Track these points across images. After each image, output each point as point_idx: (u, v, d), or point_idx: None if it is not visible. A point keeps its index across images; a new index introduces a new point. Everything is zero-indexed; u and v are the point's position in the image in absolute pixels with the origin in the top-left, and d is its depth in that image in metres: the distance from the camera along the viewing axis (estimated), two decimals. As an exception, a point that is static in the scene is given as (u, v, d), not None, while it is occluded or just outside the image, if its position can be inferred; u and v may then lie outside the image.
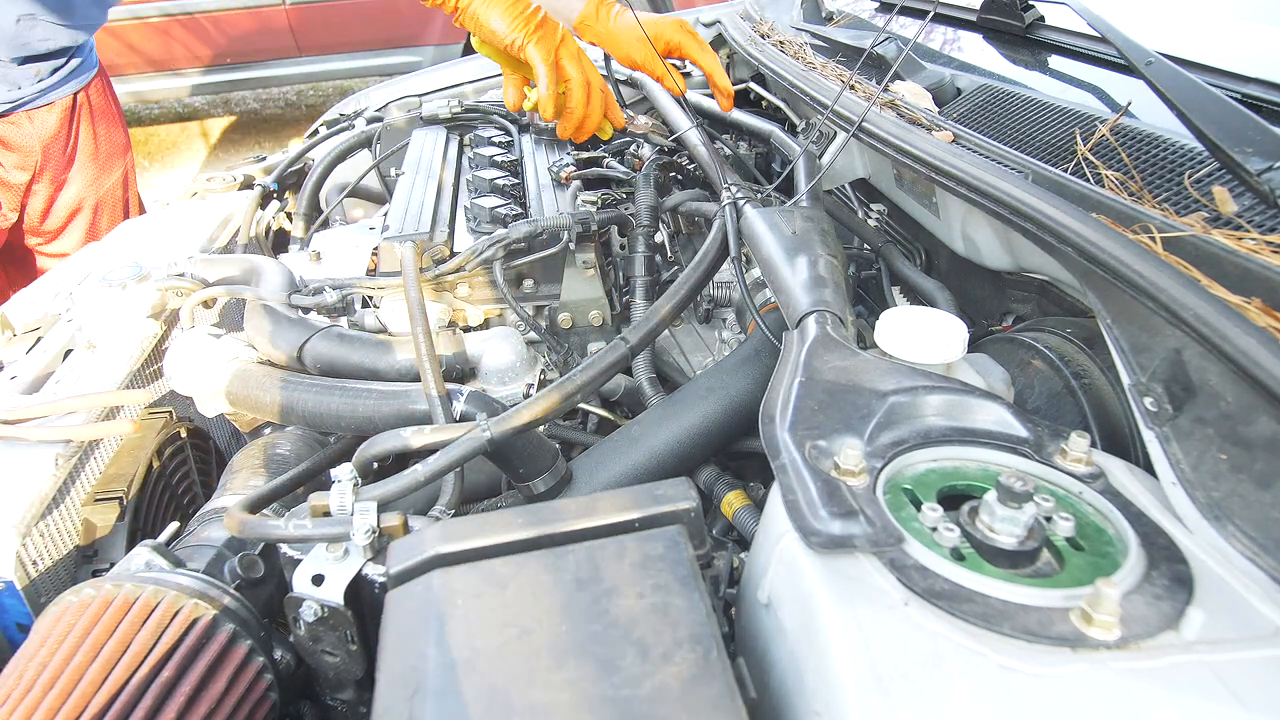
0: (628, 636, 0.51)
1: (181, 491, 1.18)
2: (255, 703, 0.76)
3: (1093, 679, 0.47)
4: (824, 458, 0.64)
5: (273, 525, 0.73)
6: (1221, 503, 0.60)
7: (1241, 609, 0.52)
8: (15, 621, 0.92)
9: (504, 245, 1.18)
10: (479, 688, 0.49)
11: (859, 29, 1.62)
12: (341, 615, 0.70)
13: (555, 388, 0.88)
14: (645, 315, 1.00)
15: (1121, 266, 0.70)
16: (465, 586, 0.56)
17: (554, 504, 0.63)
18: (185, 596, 0.75)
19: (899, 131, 1.07)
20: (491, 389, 1.13)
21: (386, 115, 1.73)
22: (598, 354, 0.94)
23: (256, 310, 1.16)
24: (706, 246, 1.08)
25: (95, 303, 1.23)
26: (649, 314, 1.00)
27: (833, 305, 0.86)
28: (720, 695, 0.48)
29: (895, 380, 0.72)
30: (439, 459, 0.80)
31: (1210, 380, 0.64)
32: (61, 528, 0.97)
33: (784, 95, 1.58)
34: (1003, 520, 0.57)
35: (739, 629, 0.66)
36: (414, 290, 1.11)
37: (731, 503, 0.99)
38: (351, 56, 5.02)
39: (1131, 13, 1.16)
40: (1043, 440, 0.68)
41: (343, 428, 1.04)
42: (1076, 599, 0.52)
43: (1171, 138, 0.87)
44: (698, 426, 0.97)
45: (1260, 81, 0.93)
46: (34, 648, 0.72)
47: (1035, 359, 0.91)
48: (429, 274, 1.18)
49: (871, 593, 0.53)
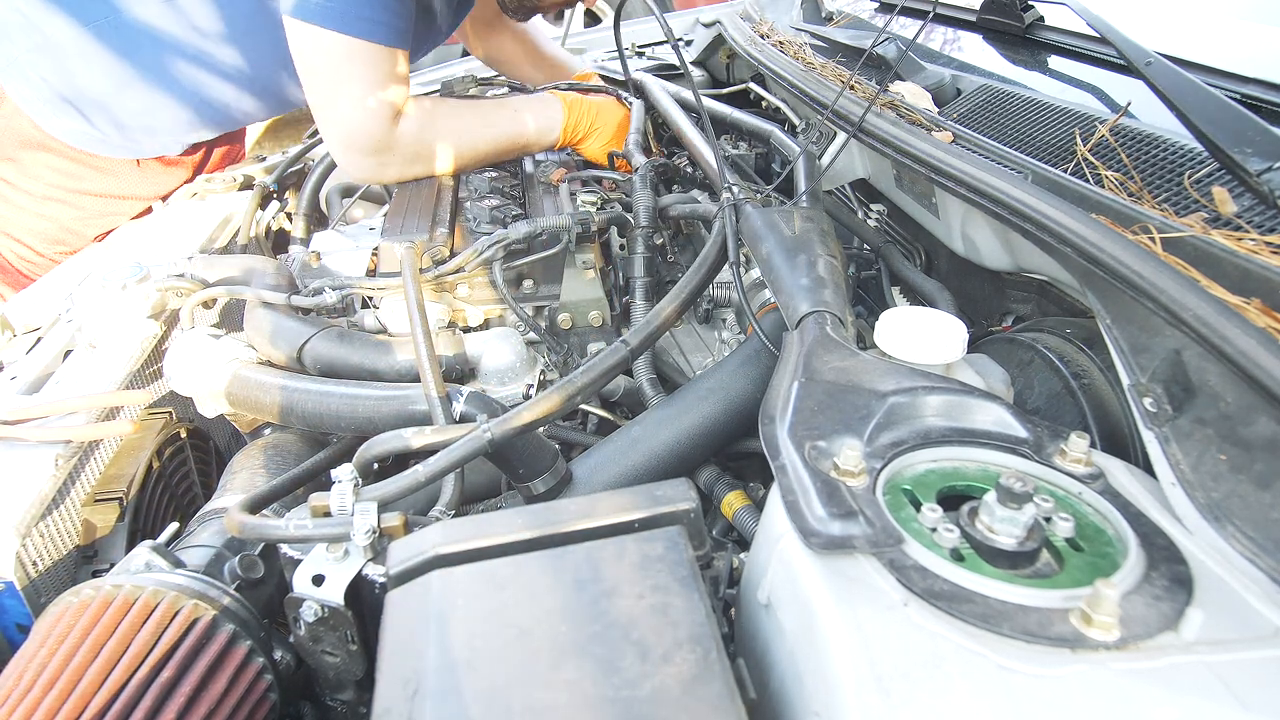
0: (627, 637, 0.51)
1: (181, 492, 1.18)
2: (255, 703, 0.76)
3: (1092, 679, 0.47)
4: (824, 458, 0.64)
5: (273, 525, 0.73)
6: (1221, 503, 0.60)
7: (1241, 609, 0.53)
8: (15, 622, 0.92)
9: (504, 246, 1.18)
10: (479, 688, 0.49)
11: (859, 29, 1.62)
12: (342, 615, 0.70)
13: (556, 390, 0.88)
14: (647, 318, 1.00)
15: (1121, 267, 0.70)
16: (465, 587, 0.56)
17: (554, 504, 0.63)
18: (185, 597, 0.75)
19: (899, 132, 1.07)
20: (491, 389, 1.13)
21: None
22: (599, 356, 0.94)
23: (256, 311, 1.16)
24: (707, 250, 1.08)
25: (95, 303, 1.23)
26: (650, 316, 1.00)
27: (832, 306, 0.86)
28: (720, 696, 0.48)
29: (895, 381, 0.72)
30: (440, 460, 0.80)
31: (1210, 381, 0.64)
32: (61, 528, 0.97)
33: (784, 95, 1.58)
34: (1002, 521, 0.57)
35: (739, 629, 0.66)
36: (413, 291, 1.11)
37: (731, 503, 0.99)
38: (351, 57, 5.00)
39: (1131, 13, 1.16)
40: (1042, 441, 0.68)
41: (342, 428, 1.04)
42: (1076, 599, 0.52)
43: (1171, 138, 0.87)
44: (698, 427, 0.97)
45: (1260, 82, 0.93)
46: (34, 648, 0.72)
47: (1035, 359, 0.91)
48: (428, 274, 1.18)
49: (871, 593, 0.53)
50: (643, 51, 2.09)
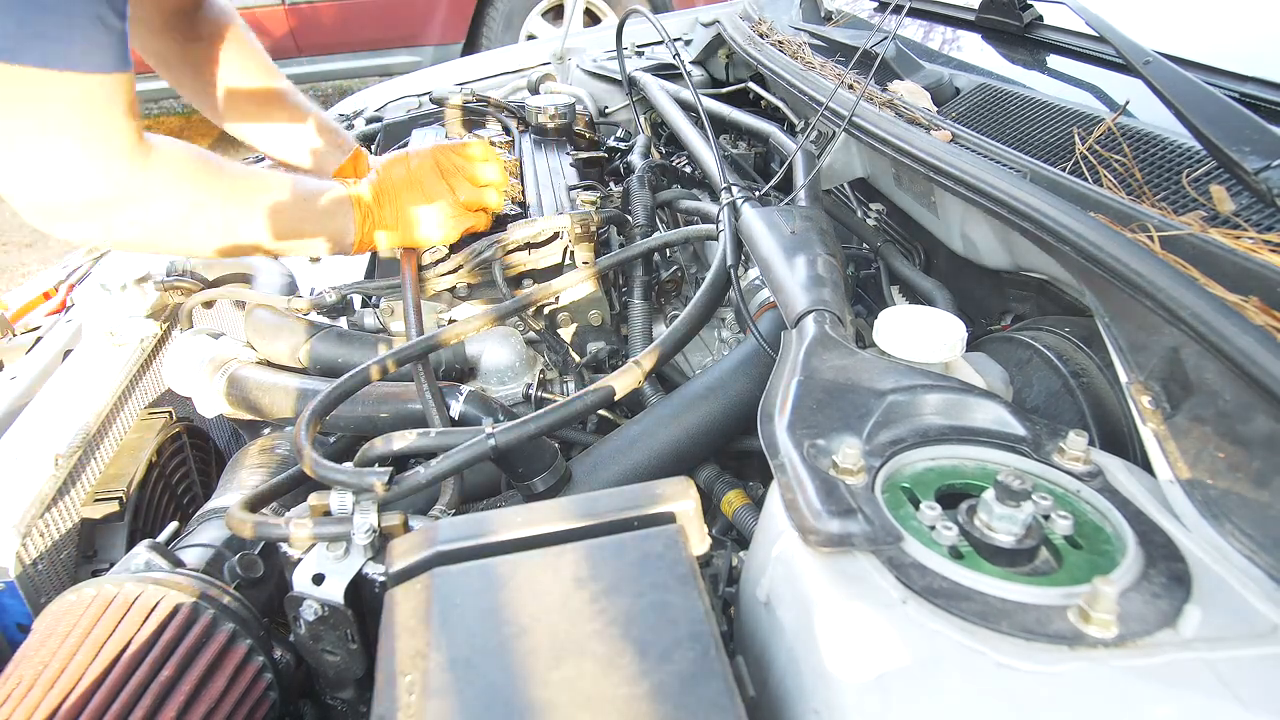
0: (626, 635, 0.51)
1: (181, 491, 1.19)
2: (255, 702, 0.76)
3: (1091, 676, 0.48)
4: (823, 456, 0.64)
5: (273, 524, 0.73)
6: (1219, 501, 0.60)
7: (1239, 606, 0.53)
8: (15, 621, 0.92)
9: (503, 245, 1.18)
10: (478, 686, 0.49)
11: (857, 29, 1.62)
12: (342, 614, 0.70)
13: (562, 406, 0.87)
14: (668, 333, 0.98)
15: (1119, 265, 0.71)
16: (465, 585, 0.56)
17: (553, 503, 0.63)
18: (185, 596, 0.75)
19: (898, 131, 1.07)
20: (490, 389, 1.13)
21: (385, 114, 1.73)
22: (610, 376, 0.92)
23: (256, 311, 1.16)
24: (715, 268, 1.07)
25: (95, 303, 1.23)
26: (670, 331, 0.98)
27: (831, 304, 0.86)
28: (719, 694, 0.48)
29: (894, 379, 0.72)
30: (442, 463, 0.80)
31: (1208, 378, 0.64)
32: (61, 528, 0.98)
33: (783, 95, 1.59)
34: (1001, 518, 0.57)
35: (738, 627, 0.66)
36: (411, 291, 1.11)
37: (731, 501, 0.99)
38: (351, 56, 5.01)
39: (1130, 12, 1.16)
40: (1041, 439, 0.68)
41: (342, 428, 1.04)
42: (1074, 597, 0.52)
43: (1169, 137, 0.87)
44: (697, 426, 0.97)
45: (1258, 80, 0.93)
46: (34, 647, 0.72)
47: (1033, 358, 0.91)
48: (427, 274, 1.18)
49: (870, 591, 0.53)
50: (642, 51, 2.09)
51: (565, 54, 2.13)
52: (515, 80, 2.00)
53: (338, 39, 4.96)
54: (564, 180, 1.40)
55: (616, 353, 1.22)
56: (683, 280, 1.36)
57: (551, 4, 4.62)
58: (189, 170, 0.96)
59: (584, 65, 2.09)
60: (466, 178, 1.17)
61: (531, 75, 1.96)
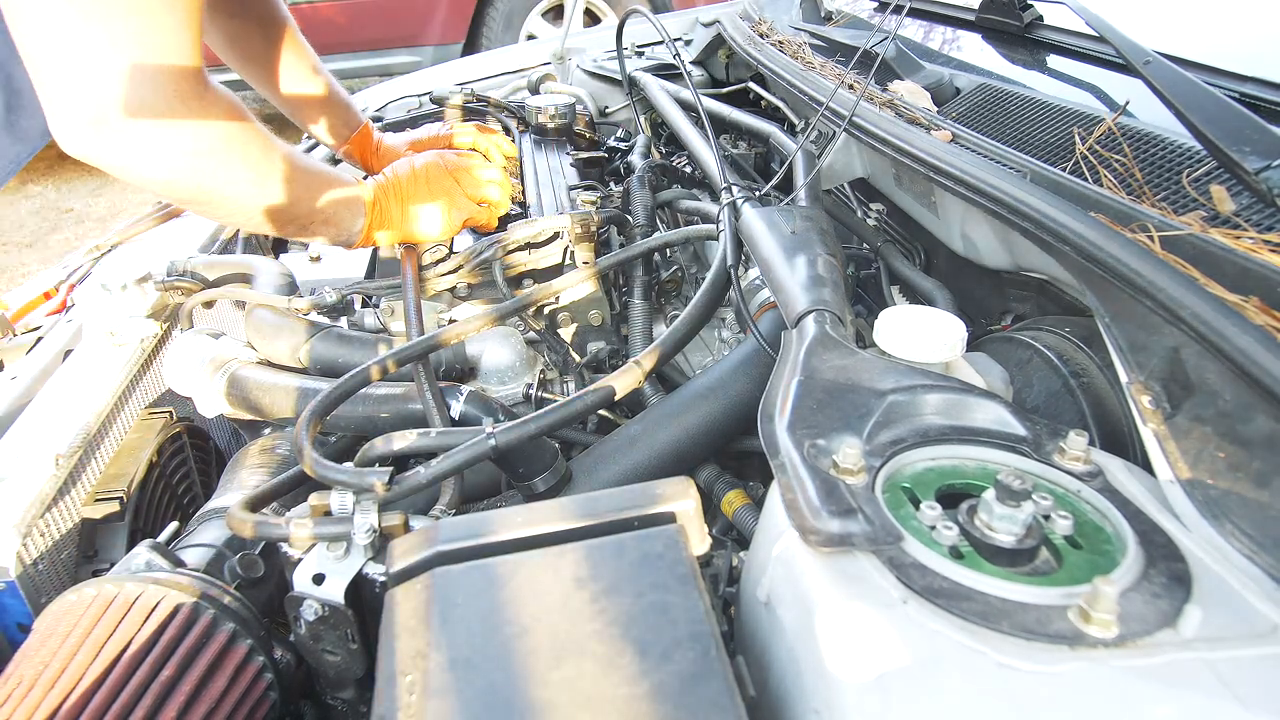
0: (627, 635, 0.51)
1: (181, 491, 1.19)
2: (255, 702, 0.76)
3: (1091, 676, 0.48)
4: (823, 456, 0.64)
5: (273, 524, 0.73)
6: (1219, 501, 0.60)
7: (1239, 606, 0.53)
8: (16, 621, 0.92)
9: (503, 245, 1.18)
10: (478, 686, 0.49)
11: (857, 29, 1.62)
12: (342, 614, 0.70)
13: (563, 406, 0.87)
14: (668, 333, 0.99)
15: (1120, 265, 0.71)
16: (465, 585, 0.56)
17: (553, 503, 0.63)
18: (185, 596, 0.75)
19: (898, 131, 1.07)
20: (491, 389, 1.13)
21: (385, 114, 1.73)
22: (611, 375, 0.93)
23: (256, 311, 1.16)
24: (716, 268, 1.08)
25: (96, 303, 1.23)
26: (670, 331, 0.99)
27: (831, 304, 0.86)
28: (719, 694, 0.48)
29: (894, 379, 0.72)
30: (443, 463, 0.80)
31: (1208, 379, 0.64)
32: (62, 528, 0.98)
33: (783, 95, 1.59)
34: (1001, 518, 0.57)
35: (738, 627, 0.67)
36: (412, 291, 1.11)
37: (731, 501, 0.99)
38: (351, 56, 5.01)
39: (1130, 12, 1.16)
40: (1041, 439, 0.68)
41: (342, 428, 1.04)
42: (1075, 597, 0.52)
43: (1170, 137, 0.87)
44: (697, 426, 0.97)
45: (1258, 80, 0.93)
46: (34, 647, 0.72)
47: (1034, 358, 0.91)
48: (428, 274, 1.18)
49: (870, 591, 0.53)
50: (642, 51, 2.10)
51: (565, 54, 2.13)
52: (515, 80, 2.00)
53: (338, 39, 4.95)
54: (564, 180, 1.40)
55: (617, 353, 1.22)
56: (683, 280, 1.36)
57: (551, 4, 4.62)
58: (237, 111, 0.98)
59: (584, 65, 2.09)
60: (470, 175, 1.23)
61: (531, 75, 1.96)
